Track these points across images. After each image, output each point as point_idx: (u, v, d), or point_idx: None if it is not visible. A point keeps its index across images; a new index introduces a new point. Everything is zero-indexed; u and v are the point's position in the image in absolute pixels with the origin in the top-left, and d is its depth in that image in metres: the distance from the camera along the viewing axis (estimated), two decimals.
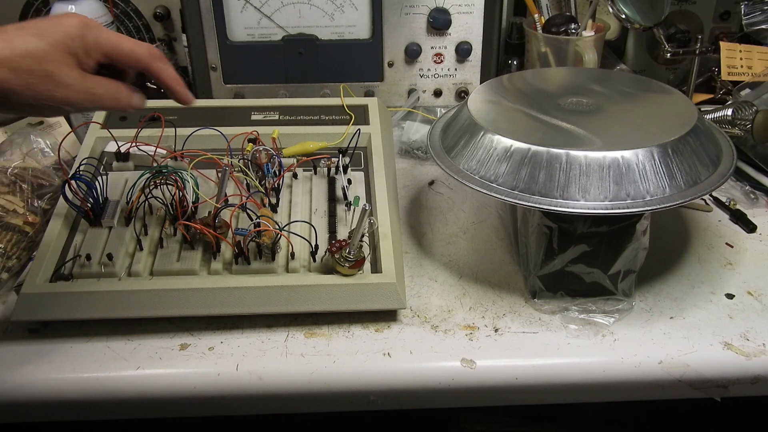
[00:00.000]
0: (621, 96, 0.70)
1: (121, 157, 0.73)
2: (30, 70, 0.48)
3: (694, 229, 0.76)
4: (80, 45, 0.50)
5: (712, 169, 0.62)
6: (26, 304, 0.59)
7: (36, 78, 0.48)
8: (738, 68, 0.92)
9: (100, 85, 0.52)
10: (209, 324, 0.62)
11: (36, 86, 0.48)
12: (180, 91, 0.57)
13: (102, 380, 0.57)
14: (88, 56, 0.51)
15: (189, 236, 0.63)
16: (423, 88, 0.96)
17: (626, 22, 0.88)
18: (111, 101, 0.53)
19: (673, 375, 0.57)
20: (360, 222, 0.60)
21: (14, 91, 0.47)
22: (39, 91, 0.48)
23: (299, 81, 0.93)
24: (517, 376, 0.58)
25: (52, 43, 0.49)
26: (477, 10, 0.91)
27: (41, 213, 0.72)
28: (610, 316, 0.62)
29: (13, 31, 0.48)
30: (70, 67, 0.50)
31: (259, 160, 0.69)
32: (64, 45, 0.49)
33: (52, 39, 0.49)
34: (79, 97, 0.50)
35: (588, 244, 0.61)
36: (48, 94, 0.49)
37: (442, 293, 0.66)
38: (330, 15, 0.91)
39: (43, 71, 0.48)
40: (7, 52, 0.47)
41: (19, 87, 0.47)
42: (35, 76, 0.48)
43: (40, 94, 0.48)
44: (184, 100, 0.58)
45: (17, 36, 0.48)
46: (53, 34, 0.49)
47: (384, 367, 0.58)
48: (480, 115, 0.65)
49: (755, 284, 0.67)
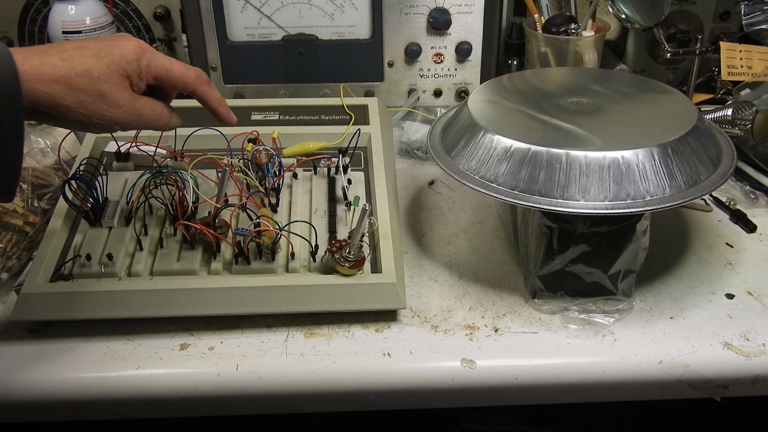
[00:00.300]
0: (621, 96, 0.70)
1: (121, 157, 0.73)
2: (85, 89, 0.50)
3: (694, 229, 0.76)
4: (134, 68, 0.53)
5: (712, 169, 0.62)
6: (26, 304, 0.59)
7: (90, 97, 0.50)
8: (738, 68, 0.92)
9: (147, 107, 0.54)
10: (209, 324, 0.62)
11: (89, 105, 0.50)
12: (224, 113, 0.61)
13: (102, 380, 0.57)
14: (140, 79, 0.53)
15: (189, 236, 0.63)
16: (423, 88, 0.96)
17: (626, 22, 0.88)
18: (155, 122, 0.55)
19: (673, 375, 0.57)
20: (360, 222, 0.60)
21: (68, 107, 0.49)
22: (92, 110, 0.50)
23: (299, 81, 0.93)
24: (517, 376, 0.58)
25: (109, 65, 0.51)
26: (477, 10, 0.91)
27: (41, 213, 0.72)
28: (610, 316, 0.62)
29: (72, 50, 0.50)
30: (123, 89, 0.52)
31: (259, 160, 0.69)
32: (120, 67, 0.52)
33: (110, 60, 0.51)
34: (128, 117, 0.53)
35: (588, 244, 0.61)
36: (100, 113, 0.51)
37: (442, 293, 0.66)
38: (330, 15, 0.91)
39: (98, 91, 0.50)
40: (66, 70, 0.49)
41: (74, 104, 0.49)
42: (90, 95, 0.50)
43: (92, 112, 0.50)
44: (228, 121, 0.62)
45: (77, 55, 0.50)
46: (111, 56, 0.51)
47: (384, 367, 0.58)
48: (480, 115, 0.65)
49: (755, 284, 0.67)
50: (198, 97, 0.58)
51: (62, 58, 0.49)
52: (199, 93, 0.58)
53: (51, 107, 0.49)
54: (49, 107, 0.49)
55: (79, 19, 0.89)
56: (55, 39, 0.90)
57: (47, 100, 0.48)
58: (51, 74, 0.48)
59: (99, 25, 0.90)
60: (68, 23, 0.89)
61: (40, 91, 0.48)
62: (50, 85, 0.48)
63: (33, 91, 0.47)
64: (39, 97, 0.48)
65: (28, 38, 1.03)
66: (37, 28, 1.03)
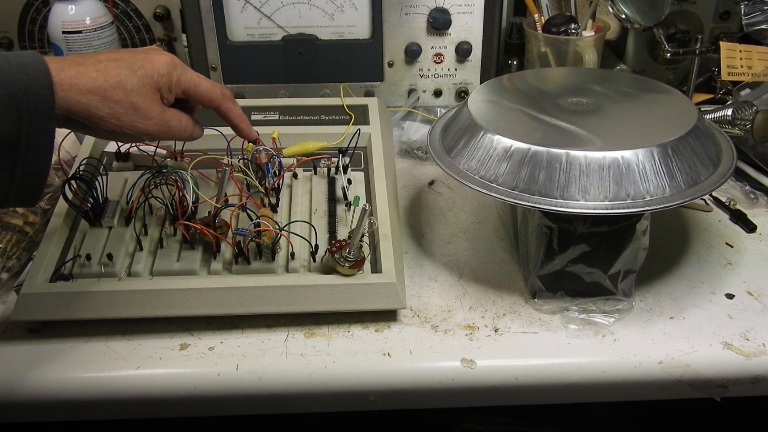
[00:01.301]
0: (621, 96, 0.70)
1: (121, 157, 0.73)
2: (119, 100, 0.51)
3: (694, 229, 0.76)
4: (165, 82, 0.54)
5: (712, 169, 0.62)
6: (26, 304, 0.59)
7: (123, 108, 0.51)
8: (738, 68, 0.92)
9: (174, 119, 0.56)
10: (209, 324, 0.62)
11: (122, 116, 0.52)
12: (245, 129, 0.64)
13: (102, 380, 0.57)
14: (170, 92, 0.55)
15: (189, 236, 0.63)
16: (423, 88, 0.96)
17: (626, 22, 0.88)
18: (182, 133, 0.58)
19: (673, 375, 0.57)
20: (360, 222, 0.60)
21: (101, 118, 0.51)
22: (124, 121, 0.52)
23: (299, 81, 0.93)
24: (517, 376, 0.58)
25: (142, 78, 0.53)
26: (477, 10, 0.91)
27: (41, 213, 0.72)
28: (610, 316, 0.62)
29: (107, 61, 0.51)
30: (154, 101, 0.54)
31: (259, 160, 0.69)
32: (152, 81, 0.53)
33: (143, 73, 0.53)
34: (157, 129, 0.54)
35: (588, 244, 0.61)
36: (131, 124, 0.52)
37: (442, 293, 0.66)
38: (330, 15, 0.91)
39: (130, 103, 0.52)
40: (101, 81, 0.50)
41: (107, 115, 0.51)
42: (123, 106, 0.51)
43: (124, 123, 0.52)
44: (249, 137, 0.65)
45: (111, 67, 0.51)
46: (144, 69, 0.53)
47: (384, 367, 0.58)
48: (480, 115, 0.65)
49: (755, 284, 0.67)
50: (222, 112, 0.61)
51: (97, 69, 0.50)
52: (223, 109, 0.61)
53: (85, 117, 0.50)
54: (83, 117, 0.50)
55: (79, 19, 0.89)
56: (55, 39, 0.90)
57: (82, 109, 0.49)
58: (86, 85, 0.49)
59: (99, 25, 0.90)
60: (68, 23, 0.89)
61: (75, 100, 0.49)
62: (85, 96, 0.49)
63: (68, 100, 0.48)
64: (74, 106, 0.49)
65: (28, 38, 1.03)
66: (37, 28, 1.03)
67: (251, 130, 0.65)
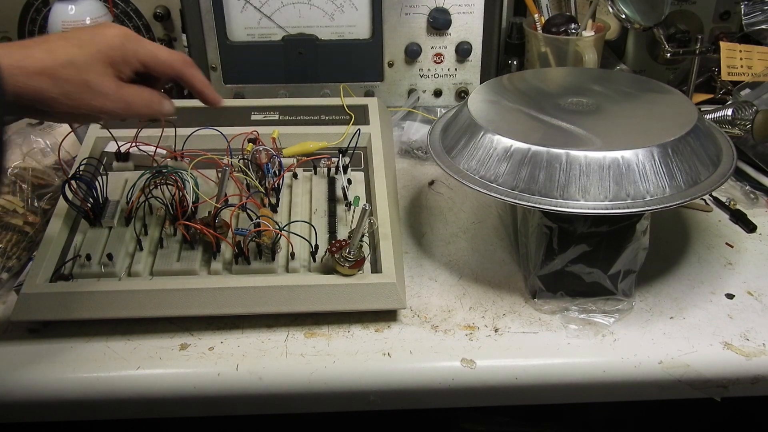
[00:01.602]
0: (621, 96, 0.70)
1: (121, 157, 0.73)
2: (69, 79, 0.49)
3: (694, 229, 0.76)
4: (119, 54, 0.52)
5: (712, 169, 0.62)
6: (26, 304, 0.59)
7: (75, 87, 0.49)
8: (738, 68, 0.92)
9: (134, 94, 0.53)
10: (209, 324, 0.62)
11: (74, 95, 0.49)
12: (210, 94, 0.60)
13: (102, 380, 0.57)
14: (126, 65, 0.53)
15: (189, 236, 0.63)
16: (423, 88, 0.96)
17: (626, 22, 0.88)
18: (144, 109, 0.54)
19: (673, 375, 0.57)
20: (360, 222, 0.60)
21: (54, 99, 0.49)
22: (77, 100, 0.50)
23: (299, 81, 0.93)
24: (517, 376, 0.58)
25: (93, 53, 0.50)
26: (477, 10, 0.91)
27: (41, 213, 0.72)
28: (610, 316, 0.62)
29: (54, 40, 0.50)
30: (108, 77, 0.51)
31: (259, 160, 0.69)
32: (104, 55, 0.51)
33: (93, 49, 0.50)
34: (115, 106, 0.52)
35: (588, 244, 0.61)
36: (86, 103, 0.50)
37: (442, 293, 0.66)
38: (330, 15, 0.91)
39: (82, 80, 0.49)
40: (49, 61, 0.48)
41: (59, 96, 0.49)
42: (74, 85, 0.49)
43: (78, 102, 0.50)
44: (214, 101, 0.60)
45: (59, 46, 0.49)
46: (94, 45, 0.51)
47: (384, 367, 0.58)
48: (480, 115, 0.65)
49: (755, 284, 0.67)
50: (185, 80, 0.58)
51: (45, 49, 0.48)
52: (187, 76, 0.57)
53: (37, 100, 0.48)
54: (35, 100, 0.48)
55: (79, 19, 0.89)
56: None
57: (32, 92, 0.48)
58: (34, 66, 0.47)
59: None
60: (68, 23, 0.89)
61: (24, 84, 0.47)
62: (34, 78, 0.47)
63: (17, 85, 0.47)
64: (23, 90, 0.47)
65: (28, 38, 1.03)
66: (37, 28, 1.03)
67: (216, 95, 0.60)
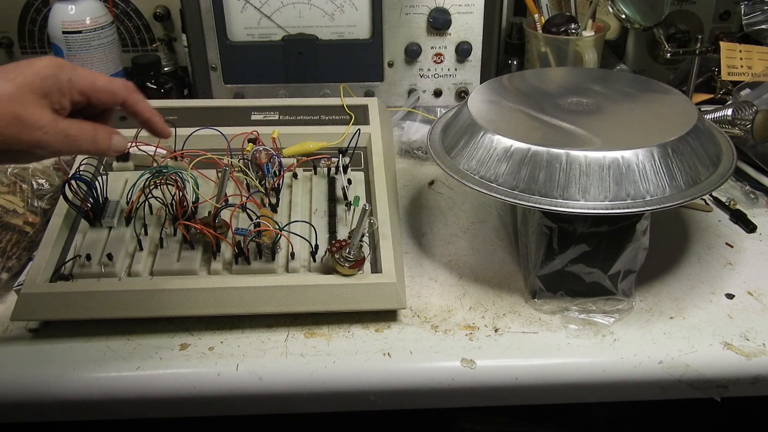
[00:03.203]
0: (621, 96, 0.70)
1: (121, 157, 0.73)
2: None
3: (694, 229, 0.76)
4: (53, 84, 0.48)
5: (712, 169, 0.62)
6: (26, 304, 0.59)
7: (3, 121, 0.46)
8: (738, 68, 0.92)
9: (74, 127, 0.49)
10: (209, 324, 0.62)
11: (4, 130, 0.46)
12: (158, 122, 0.56)
13: (102, 380, 0.57)
14: (62, 95, 0.49)
15: (189, 236, 0.63)
16: (423, 88, 0.96)
17: (626, 22, 0.88)
18: (88, 143, 0.50)
19: (673, 375, 0.57)
20: (360, 222, 0.60)
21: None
22: (7, 135, 0.46)
23: (299, 81, 0.93)
24: (517, 376, 0.58)
25: (21, 85, 0.47)
26: (477, 10, 0.91)
27: (41, 213, 0.72)
28: (610, 316, 0.62)
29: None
30: (42, 108, 0.48)
31: (259, 160, 0.69)
32: (35, 86, 0.47)
33: (22, 81, 0.47)
34: (53, 140, 0.48)
35: (588, 244, 0.61)
36: (17, 137, 0.46)
37: (442, 293, 0.66)
38: (330, 15, 0.91)
39: (10, 114, 0.46)
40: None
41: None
42: (3, 119, 0.46)
43: (8, 137, 0.46)
44: (162, 132, 0.56)
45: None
46: (23, 76, 0.47)
47: (384, 367, 0.58)
48: (480, 115, 0.65)
49: (755, 284, 0.67)
50: (128, 107, 0.54)
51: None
52: (130, 102, 0.53)
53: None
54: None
55: (79, 19, 0.89)
56: (55, 39, 0.90)
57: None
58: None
59: (99, 25, 0.90)
60: (68, 23, 0.89)
61: None
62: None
63: None
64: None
65: (28, 38, 1.03)
66: (37, 28, 1.03)
67: (165, 125, 0.56)
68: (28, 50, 1.04)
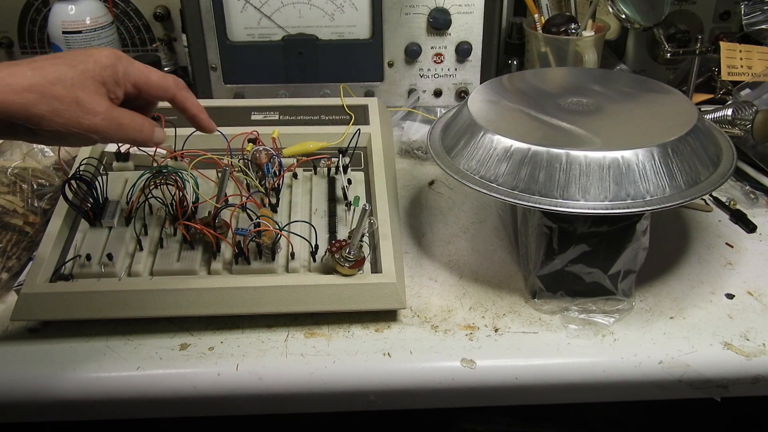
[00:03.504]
0: (621, 96, 0.70)
1: (121, 157, 0.73)
2: (59, 96, 0.48)
3: (694, 229, 0.76)
4: (111, 74, 0.51)
5: (712, 169, 0.62)
6: (26, 304, 0.59)
7: (65, 105, 0.49)
8: (738, 68, 0.92)
9: (126, 116, 0.53)
10: (209, 324, 0.62)
11: (64, 113, 0.49)
12: (204, 119, 0.59)
13: (102, 380, 0.57)
14: (117, 86, 0.52)
15: (189, 236, 0.63)
16: (423, 88, 0.96)
17: (626, 22, 0.88)
18: (136, 133, 0.54)
19: (673, 375, 0.57)
20: (360, 222, 0.60)
21: (42, 116, 0.48)
22: (67, 118, 0.49)
23: (299, 81, 0.93)
24: (517, 376, 0.58)
25: (83, 71, 0.50)
26: (477, 10, 0.91)
27: (41, 213, 0.72)
28: (610, 316, 0.62)
29: (44, 60, 0.50)
30: (100, 96, 0.51)
31: (259, 160, 0.69)
32: (95, 74, 0.50)
33: (83, 68, 0.50)
34: (106, 126, 0.51)
35: (588, 244, 0.61)
36: (77, 122, 0.49)
37: (442, 293, 0.66)
38: (330, 15, 0.91)
39: (72, 98, 0.49)
40: (38, 78, 0.48)
41: (48, 113, 0.48)
42: (64, 102, 0.49)
43: (68, 121, 0.49)
44: (208, 128, 0.60)
45: (48, 64, 0.49)
46: (85, 63, 0.50)
47: (384, 367, 0.58)
48: (480, 115, 0.65)
49: (755, 284, 0.67)
50: (177, 103, 0.57)
51: (33, 68, 0.48)
52: (179, 99, 0.57)
53: (24, 117, 0.47)
54: (23, 117, 0.47)
55: (79, 19, 0.89)
56: (55, 39, 0.90)
57: (19, 109, 0.47)
58: (21, 83, 0.47)
59: (99, 25, 0.90)
60: (68, 23, 0.89)
61: (10, 101, 0.46)
62: (21, 94, 0.47)
63: (3, 102, 0.46)
64: (10, 108, 0.47)
65: (28, 38, 1.03)
66: (37, 28, 1.03)
67: (210, 122, 0.60)
68: (28, 50, 1.04)
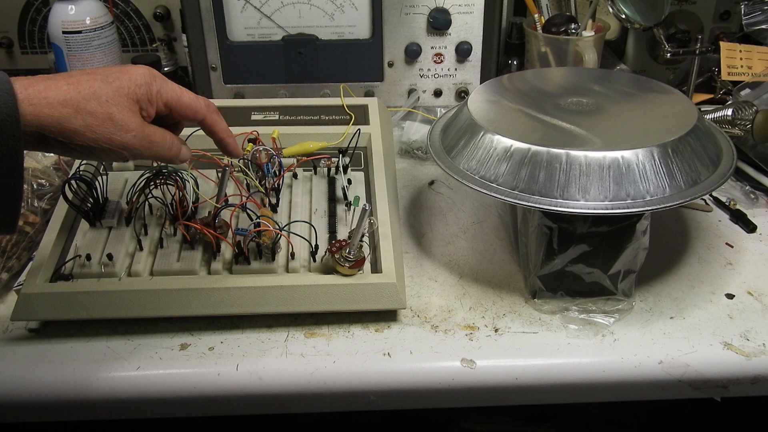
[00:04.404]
0: (621, 96, 0.70)
1: None
2: (93, 112, 0.49)
3: (694, 229, 0.76)
4: (145, 92, 0.52)
5: (712, 169, 0.62)
6: (26, 304, 0.59)
7: (98, 120, 0.49)
8: (738, 68, 0.92)
9: (158, 134, 0.53)
10: (209, 324, 0.62)
11: (98, 128, 0.49)
12: (231, 144, 0.60)
13: (102, 380, 0.57)
14: (150, 104, 0.53)
15: (189, 236, 0.63)
16: (423, 88, 0.96)
17: (626, 22, 0.88)
18: (165, 150, 0.54)
19: (673, 375, 0.57)
20: (360, 222, 0.60)
21: (75, 131, 0.48)
22: (100, 134, 0.49)
23: (299, 81, 0.93)
24: (517, 376, 0.58)
25: (118, 88, 0.50)
26: (477, 10, 0.91)
27: (41, 213, 0.72)
28: (610, 316, 0.62)
29: (79, 75, 0.50)
30: (133, 113, 0.51)
31: (259, 160, 0.69)
32: (130, 91, 0.51)
33: (119, 84, 0.51)
34: (137, 143, 0.52)
35: (588, 244, 0.61)
36: (108, 137, 0.50)
37: (442, 293, 0.66)
38: (330, 15, 0.91)
39: (106, 114, 0.49)
40: (73, 93, 0.48)
41: (81, 128, 0.48)
42: (98, 118, 0.49)
43: (100, 136, 0.49)
44: (235, 153, 0.61)
45: (84, 80, 0.50)
46: (119, 81, 0.51)
47: (384, 367, 0.58)
48: (480, 115, 0.65)
49: (755, 284, 0.67)
50: (207, 125, 0.58)
51: (68, 82, 0.49)
52: (209, 122, 0.58)
53: (57, 131, 0.48)
54: (56, 131, 0.48)
55: (79, 19, 0.89)
56: (55, 39, 0.90)
57: (53, 123, 0.47)
58: (56, 97, 0.48)
59: (99, 25, 0.90)
60: (68, 23, 0.89)
61: (45, 114, 0.47)
62: (56, 108, 0.47)
63: (38, 115, 0.47)
64: (45, 121, 0.47)
65: (28, 38, 1.03)
66: (37, 28, 1.03)
67: (237, 147, 0.61)
68: (28, 50, 1.04)
